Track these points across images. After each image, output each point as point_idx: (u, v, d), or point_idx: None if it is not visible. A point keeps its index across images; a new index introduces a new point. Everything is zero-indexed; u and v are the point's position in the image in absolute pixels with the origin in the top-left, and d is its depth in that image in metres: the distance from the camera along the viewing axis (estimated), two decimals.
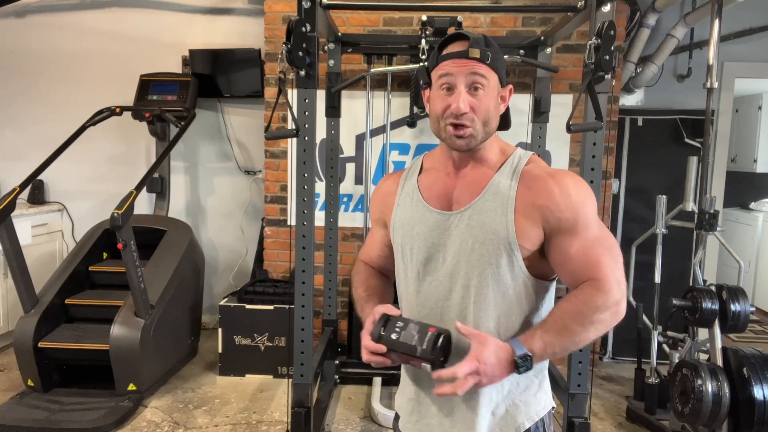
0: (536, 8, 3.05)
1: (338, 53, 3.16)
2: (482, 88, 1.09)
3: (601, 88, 2.09)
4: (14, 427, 2.71)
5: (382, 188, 1.32)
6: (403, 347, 1.04)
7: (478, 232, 1.10)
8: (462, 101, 1.08)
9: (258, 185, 4.21)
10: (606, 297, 1.04)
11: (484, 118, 1.10)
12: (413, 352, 1.03)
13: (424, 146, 3.66)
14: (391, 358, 1.07)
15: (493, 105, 1.11)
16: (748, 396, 2.30)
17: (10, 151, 4.32)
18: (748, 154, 5.18)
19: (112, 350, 2.95)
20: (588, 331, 1.04)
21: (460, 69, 1.09)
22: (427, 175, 1.23)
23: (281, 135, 2.46)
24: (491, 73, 1.10)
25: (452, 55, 1.10)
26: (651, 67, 3.71)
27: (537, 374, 1.17)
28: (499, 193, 1.11)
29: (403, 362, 1.08)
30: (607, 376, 3.67)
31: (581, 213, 1.09)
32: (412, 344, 1.03)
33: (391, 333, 1.05)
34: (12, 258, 2.97)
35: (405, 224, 1.20)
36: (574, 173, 1.16)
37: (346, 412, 3.08)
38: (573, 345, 1.05)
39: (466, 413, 1.14)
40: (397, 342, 1.04)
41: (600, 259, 1.08)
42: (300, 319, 2.33)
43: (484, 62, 1.09)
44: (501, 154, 1.18)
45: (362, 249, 1.40)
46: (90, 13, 4.21)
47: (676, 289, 3.02)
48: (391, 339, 1.05)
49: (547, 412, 1.18)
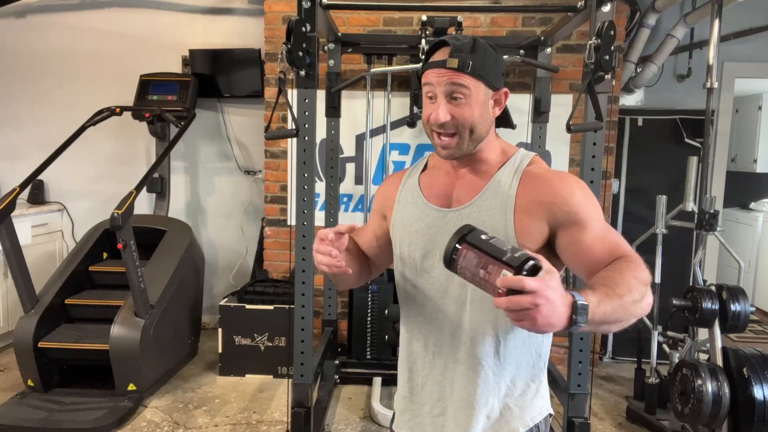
0: (536, 8, 3.04)
1: (338, 53, 3.16)
2: (463, 98, 1.07)
3: (601, 88, 2.09)
4: (14, 427, 2.71)
5: (385, 185, 1.32)
6: (490, 248, 0.91)
7: None
8: (441, 111, 1.08)
9: (258, 185, 4.21)
10: (641, 270, 0.99)
11: (469, 127, 1.09)
12: (499, 254, 0.89)
13: (424, 146, 3.66)
14: (460, 265, 0.93)
15: (478, 113, 1.09)
16: (748, 396, 2.31)
17: (10, 151, 4.33)
18: (748, 154, 5.18)
19: (112, 350, 2.95)
20: (634, 302, 0.94)
21: (439, 79, 1.08)
22: (430, 174, 1.24)
23: (281, 135, 2.46)
24: (474, 81, 1.07)
25: (432, 65, 1.10)
26: (651, 67, 3.71)
27: (534, 379, 1.16)
28: (498, 191, 1.11)
29: (475, 268, 0.91)
30: (607, 376, 3.67)
31: (587, 209, 1.07)
32: (503, 249, 0.90)
33: (479, 234, 0.93)
34: (12, 258, 2.97)
35: (404, 220, 1.21)
36: (574, 176, 1.15)
37: (346, 412, 3.08)
38: (622, 313, 0.94)
39: (460, 414, 1.13)
40: (485, 242, 0.92)
41: (620, 242, 1.06)
42: (300, 319, 2.33)
43: (464, 72, 1.06)
44: (502, 154, 1.17)
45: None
46: (90, 13, 4.21)
47: (676, 289, 3.02)
48: (480, 238, 0.92)
49: (543, 418, 1.16)
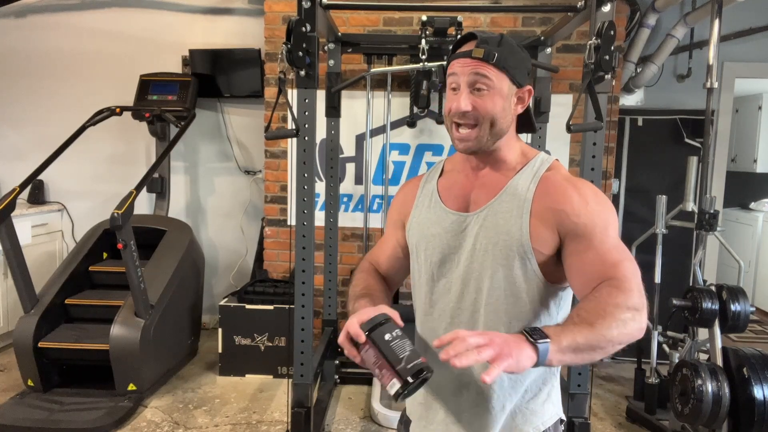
0: (536, 8, 3.04)
1: (338, 53, 3.16)
2: (486, 89, 1.07)
3: (601, 88, 2.09)
4: (14, 427, 2.71)
5: (403, 191, 1.31)
6: (389, 351, 0.98)
7: (492, 234, 1.09)
8: (463, 100, 1.08)
9: (258, 185, 4.21)
10: (626, 296, 0.95)
11: (490, 119, 1.08)
12: (394, 362, 0.96)
13: (424, 146, 3.66)
14: (362, 357, 1.01)
15: (501, 106, 1.09)
16: (748, 396, 2.30)
17: (10, 151, 4.33)
18: (748, 154, 5.18)
19: (112, 350, 2.95)
20: (611, 328, 0.92)
21: (463, 69, 1.09)
22: (447, 178, 1.23)
23: (281, 135, 2.46)
24: (498, 73, 1.08)
25: (458, 55, 1.10)
26: (651, 67, 3.71)
27: (545, 383, 1.15)
28: (516, 194, 1.10)
29: (373, 366, 1.00)
30: (607, 376, 3.67)
31: (599, 220, 1.05)
32: (400, 357, 0.97)
33: (385, 333, 1.00)
34: (12, 258, 2.97)
35: (421, 225, 1.20)
36: (594, 185, 1.12)
37: (346, 412, 3.08)
38: (596, 340, 0.92)
39: (474, 420, 1.13)
40: (386, 344, 0.98)
41: (620, 261, 1.02)
42: (300, 319, 2.33)
43: (489, 62, 1.07)
44: (522, 156, 1.16)
45: (370, 251, 1.36)
46: (90, 13, 4.21)
47: (676, 289, 3.02)
48: (383, 338, 0.99)
49: (552, 423, 1.16)
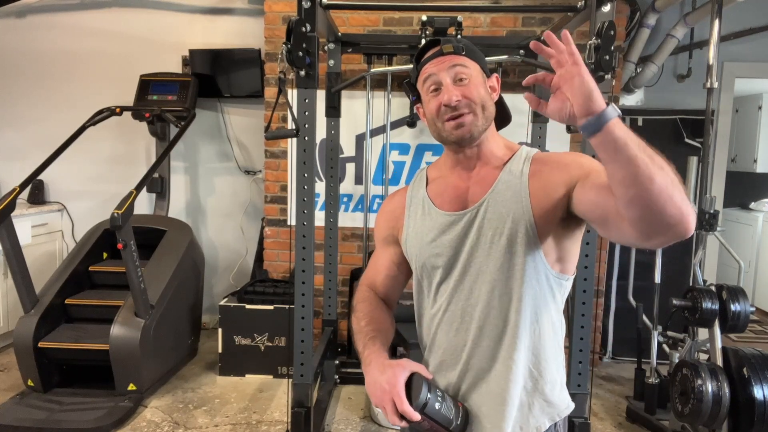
0: (536, 8, 3.05)
1: (338, 53, 3.16)
2: (467, 78, 1.12)
3: (601, 88, 2.05)
4: (14, 427, 2.71)
5: (388, 206, 1.30)
6: (443, 419, 1.04)
7: (497, 224, 1.10)
8: (452, 92, 1.10)
9: (258, 185, 4.21)
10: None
11: (481, 103, 1.12)
12: (449, 425, 1.04)
13: (423, 146, 3.67)
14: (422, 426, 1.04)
15: (484, 90, 1.13)
16: (748, 396, 2.30)
17: (10, 151, 4.32)
18: (748, 154, 5.18)
19: (112, 350, 2.95)
20: (657, 159, 0.85)
21: (440, 66, 1.12)
22: (437, 184, 1.23)
23: (281, 135, 2.46)
24: (471, 62, 1.14)
25: (429, 58, 1.15)
26: (651, 67, 3.71)
27: (559, 370, 1.15)
28: (511, 181, 1.12)
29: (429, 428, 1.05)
30: (607, 376, 3.67)
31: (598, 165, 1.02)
32: (450, 417, 1.04)
33: (434, 404, 1.03)
34: (12, 258, 2.97)
35: (419, 233, 1.19)
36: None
37: (346, 412, 3.08)
38: (644, 152, 0.84)
39: (493, 407, 1.11)
40: (439, 413, 1.03)
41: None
42: (300, 319, 2.33)
43: (461, 54, 1.13)
44: (507, 149, 1.19)
45: (365, 274, 1.36)
46: (90, 13, 4.21)
47: (676, 289, 3.02)
48: (435, 409, 1.03)
49: (567, 414, 1.16)
